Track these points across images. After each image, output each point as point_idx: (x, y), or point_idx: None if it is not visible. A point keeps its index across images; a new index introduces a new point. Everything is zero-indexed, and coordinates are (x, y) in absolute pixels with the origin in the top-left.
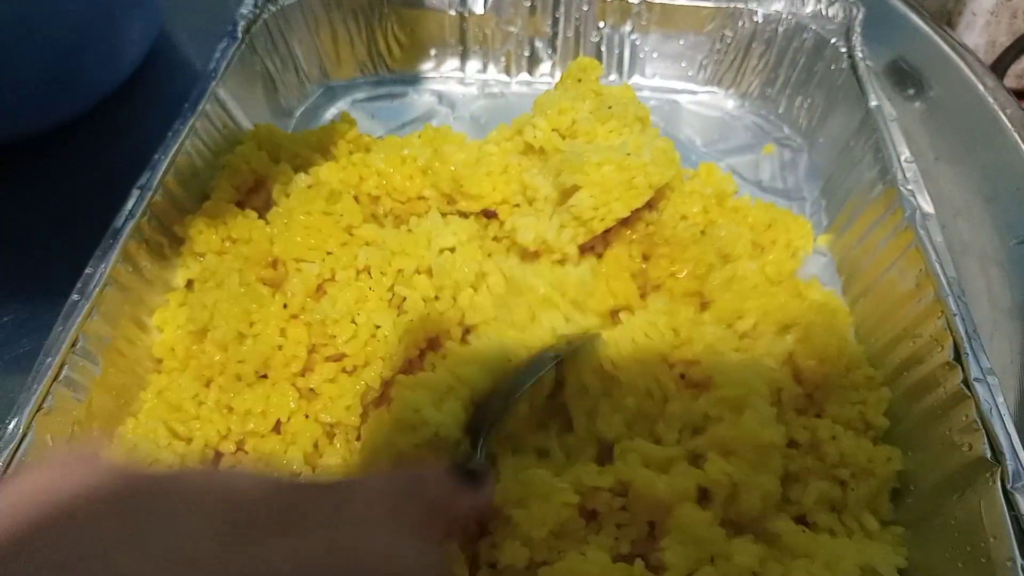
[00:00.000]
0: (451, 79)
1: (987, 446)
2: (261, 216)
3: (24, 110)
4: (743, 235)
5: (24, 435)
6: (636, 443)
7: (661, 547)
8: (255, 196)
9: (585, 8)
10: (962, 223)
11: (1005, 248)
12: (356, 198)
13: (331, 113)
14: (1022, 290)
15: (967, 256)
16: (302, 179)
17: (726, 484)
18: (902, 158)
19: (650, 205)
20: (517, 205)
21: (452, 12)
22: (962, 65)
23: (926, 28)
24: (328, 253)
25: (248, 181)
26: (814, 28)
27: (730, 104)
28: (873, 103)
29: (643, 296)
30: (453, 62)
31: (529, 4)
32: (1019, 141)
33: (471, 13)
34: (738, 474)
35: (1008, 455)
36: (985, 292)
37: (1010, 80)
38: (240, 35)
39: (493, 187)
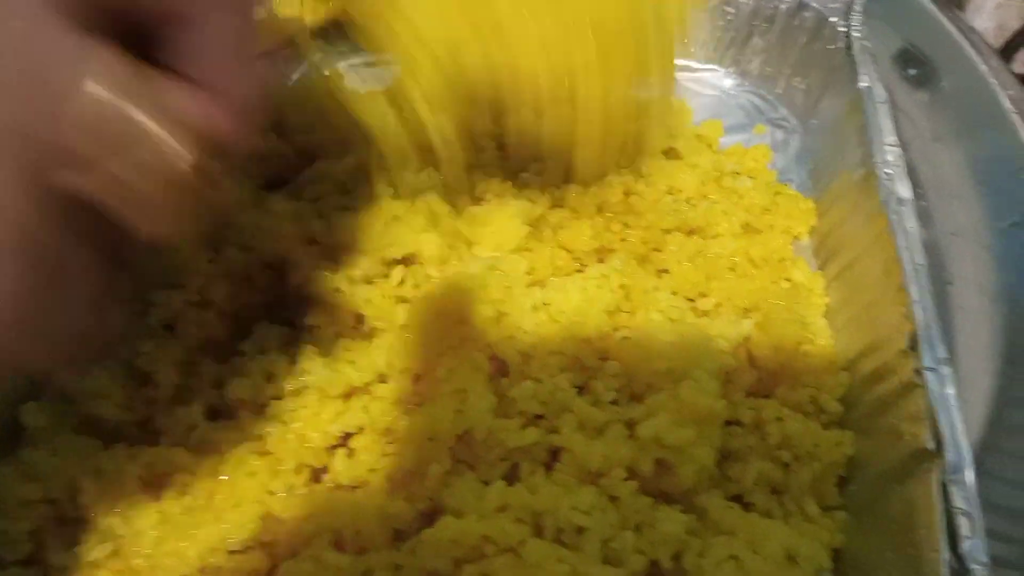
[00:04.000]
0: None
1: (931, 437)
2: None
3: None
4: (732, 213)
5: None
6: (575, 403)
7: (581, 511)
8: None
9: None
10: (957, 205)
11: (997, 231)
12: None
13: None
14: (1009, 274)
15: (959, 239)
16: None
17: (660, 454)
18: (886, 141)
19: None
20: None
21: None
22: (968, 48)
23: (934, 10)
24: None
25: None
26: (815, 6)
27: (728, 83)
28: (863, 84)
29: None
30: None
31: None
32: (1017, 123)
33: None
34: (673, 444)
35: (949, 446)
36: (973, 277)
37: (1018, 65)
38: None
39: None
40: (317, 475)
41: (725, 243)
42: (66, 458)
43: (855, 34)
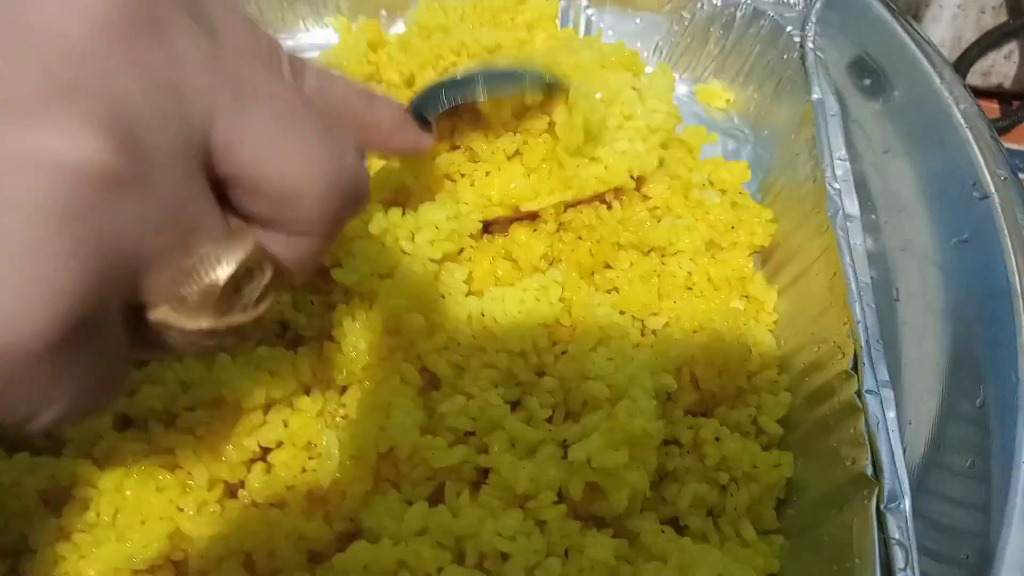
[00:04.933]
0: None
1: (869, 462)
2: None
3: None
4: (695, 230)
5: None
6: (507, 420)
7: (505, 536)
8: None
9: None
10: (905, 220)
11: (945, 248)
12: None
13: None
14: (957, 291)
15: (907, 254)
16: None
17: (591, 477)
18: (835, 155)
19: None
20: None
21: None
22: (923, 59)
23: (890, 19)
24: None
25: None
26: (772, 15)
27: (682, 89)
28: (815, 96)
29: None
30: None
31: None
32: (969, 138)
33: None
34: (605, 468)
35: (887, 473)
36: (920, 293)
37: (975, 77)
38: None
39: None
40: (233, 491)
41: (683, 262)
42: None
43: (809, 45)
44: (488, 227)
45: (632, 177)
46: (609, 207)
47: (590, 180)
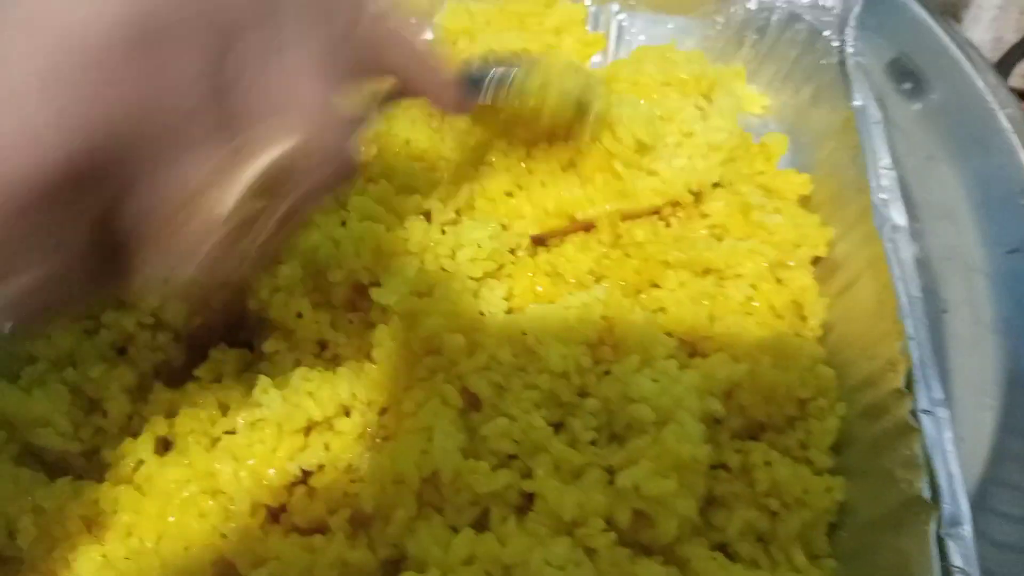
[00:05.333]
0: None
1: (927, 485)
2: None
3: None
4: (760, 253)
5: None
6: (551, 443)
7: (555, 566)
8: None
9: None
10: (948, 228)
11: (993, 257)
12: None
13: None
14: (1008, 303)
15: (951, 263)
16: None
17: (639, 505)
18: (880, 164)
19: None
20: None
21: None
22: (964, 61)
23: (929, 21)
24: None
25: None
26: (808, 19)
27: None
28: (857, 103)
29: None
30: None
31: None
32: (1016, 144)
33: None
34: (653, 495)
35: (946, 497)
36: (967, 303)
37: (1016, 79)
38: None
39: None
40: (275, 515)
41: (742, 286)
42: (4, 492)
43: (849, 49)
44: (543, 240)
45: (691, 192)
46: (668, 224)
47: (646, 192)
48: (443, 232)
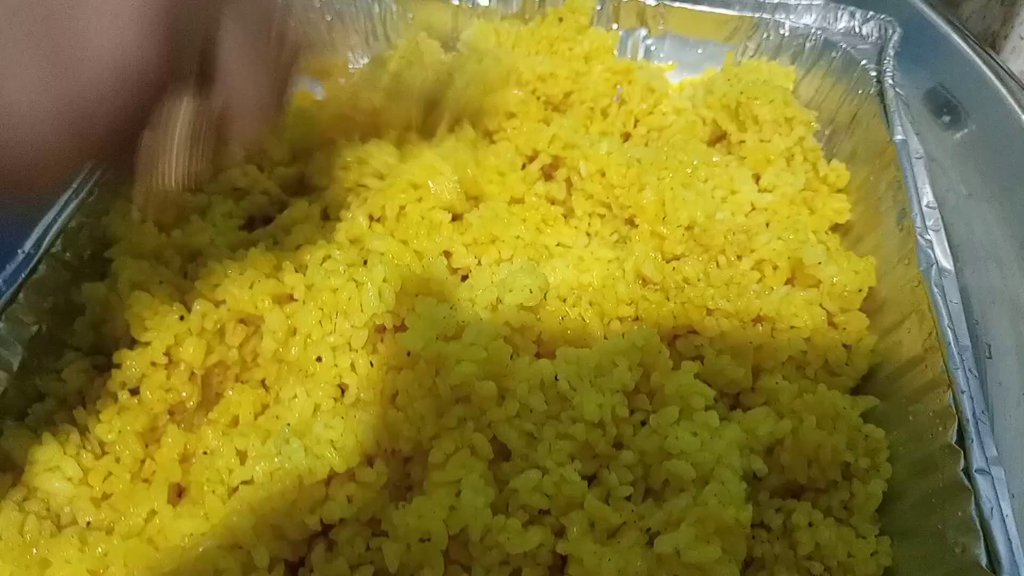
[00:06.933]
0: None
1: (983, 551)
2: None
3: None
4: (817, 302)
5: None
6: (585, 499)
7: None
8: None
9: (598, 8)
10: (993, 269)
11: None
12: None
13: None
14: None
15: (996, 306)
16: None
17: (680, 572)
18: (924, 202)
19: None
20: None
21: (455, 1)
22: (1005, 93)
23: (968, 52)
24: None
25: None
26: (844, 47)
27: None
28: (899, 136)
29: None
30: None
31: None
32: None
33: (476, 5)
34: (696, 563)
35: (1006, 566)
36: (1014, 348)
37: None
38: None
39: None
40: (293, 569)
41: (796, 340)
42: (8, 542)
43: (888, 81)
44: None
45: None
46: (717, 264)
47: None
48: (492, 282)
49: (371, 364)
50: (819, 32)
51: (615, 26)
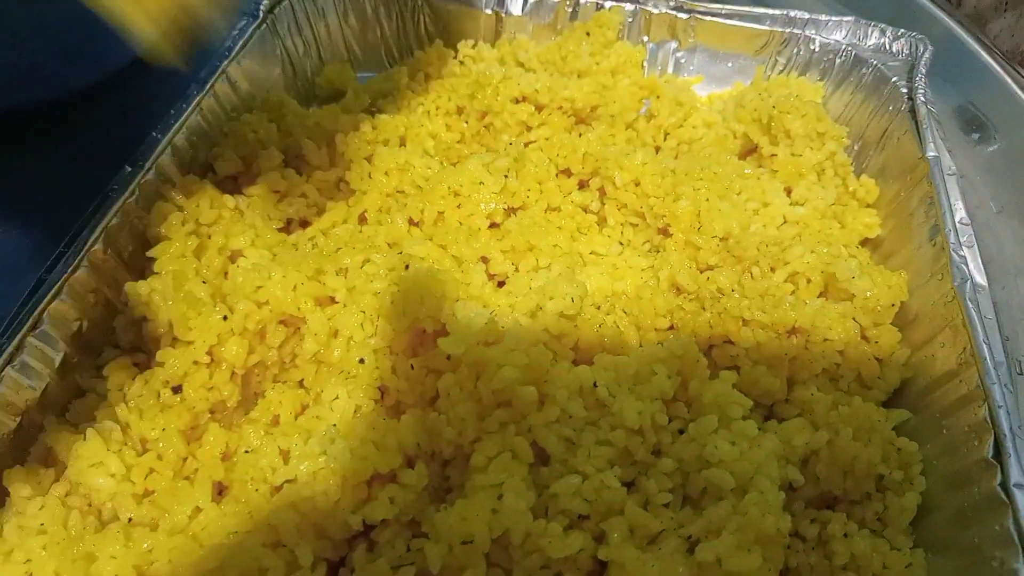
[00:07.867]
0: None
1: (1021, 564)
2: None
3: (34, 78)
4: (851, 316)
5: None
6: (625, 505)
7: None
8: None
9: (630, 20)
10: (1023, 285)
11: None
12: None
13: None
14: None
15: None
16: None
17: None
18: (957, 218)
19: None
20: None
21: (488, 11)
22: None
23: (997, 69)
24: None
25: (253, 152)
26: (875, 63)
27: None
28: (931, 153)
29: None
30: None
31: (571, 10)
32: None
33: (508, 14)
34: (737, 571)
35: None
36: None
37: None
38: (261, 14)
39: None
40: (334, 568)
41: (830, 353)
42: (53, 536)
43: (920, 98)
44: None
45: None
46: (751, 275)
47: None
48: (530, 288)
49: (411, 367)
50: (849, 48)
51: (645, 38)
